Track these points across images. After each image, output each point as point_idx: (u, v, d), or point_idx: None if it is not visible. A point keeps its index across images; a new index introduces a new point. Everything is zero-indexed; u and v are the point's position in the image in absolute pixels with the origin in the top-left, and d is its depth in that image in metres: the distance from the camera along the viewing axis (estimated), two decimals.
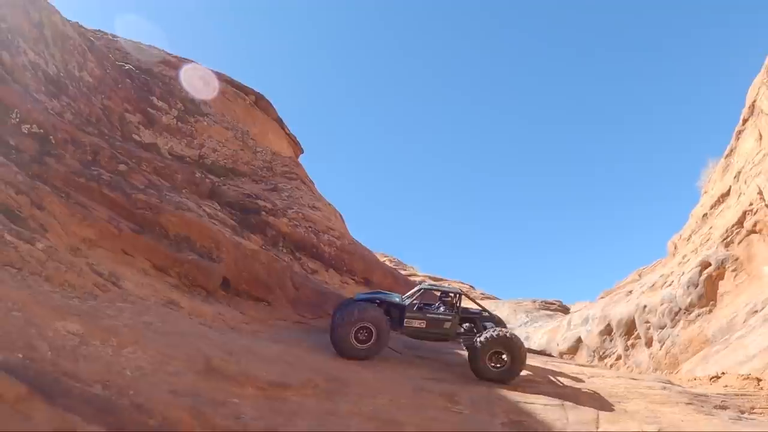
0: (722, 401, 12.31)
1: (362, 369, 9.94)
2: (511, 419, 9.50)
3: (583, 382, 12.10)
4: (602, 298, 26.21)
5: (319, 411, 8.11)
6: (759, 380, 13.55)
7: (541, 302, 29.86)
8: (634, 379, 12.88)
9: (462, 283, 33.28)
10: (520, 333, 23.92)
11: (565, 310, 29.41)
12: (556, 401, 10.48)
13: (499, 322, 12.21)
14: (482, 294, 32.59)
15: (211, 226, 11.49)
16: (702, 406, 11.64)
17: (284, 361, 9.03)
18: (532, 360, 13.51)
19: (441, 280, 31.71)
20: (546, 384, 11.55)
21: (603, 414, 10.40)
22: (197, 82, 16.50)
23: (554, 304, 30.20)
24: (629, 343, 19.82)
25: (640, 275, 26.25)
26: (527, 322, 26.64)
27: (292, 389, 8.32)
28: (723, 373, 14.17)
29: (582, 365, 14.58)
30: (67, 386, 6.65)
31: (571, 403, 10.55)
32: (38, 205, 9.62)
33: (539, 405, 10.17)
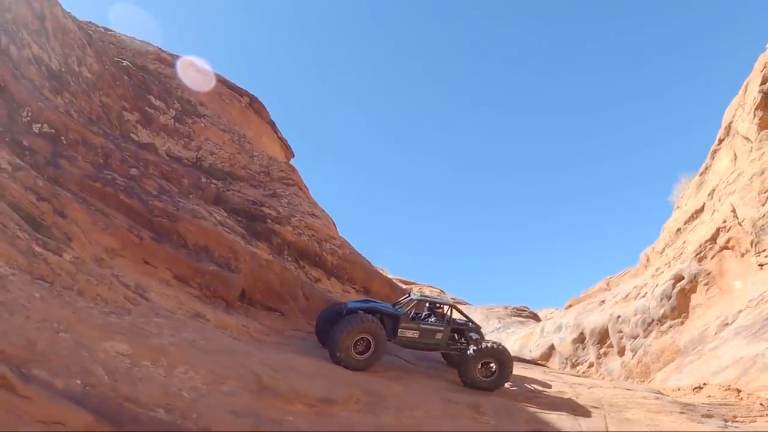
0: (708, 410, 13.00)
1: (391, 382, 10.07)
2: (533, 428, 10.07)
3: (585, 392, 12.57)
4: (570, 306, 27.10)
5: (366, 425, 8.35)
6: (739, 391, 14.35)
7: (513, 309, 30.55)
8: (629, 389, 13.46)
9: (432, 287, 33.58)
10: (493, 339, 24.44)
11: (536, 317, 30.23)
12: (567, 411, 11.02)
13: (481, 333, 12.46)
14: (453, 299, 32.99)
15: (227, 236, 11.22)
16: (692, 415, 12.28)
17: (322, 375, 9.03)
18: (532, 371, 13.92)
19: (411, 283, 31.88)
20: (553, 395, 11.96)
21: (610, 422, 11.01)
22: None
23: (525, 310, 30.96)
24: (602, 351, 20.60)
25: (608, 284, 27.28)
26: (500, 328, 27.24)
27: (338, 404, 8.45)
28: (705, 384, 14.92)
29: (579, 376, 15.11)
30: (133, 412, 6.47)
31: (580, 412, 11.11)
32: (60, 212, 9.16)
33: (554, 415, 10.73)
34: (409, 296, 12.32)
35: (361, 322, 10.09)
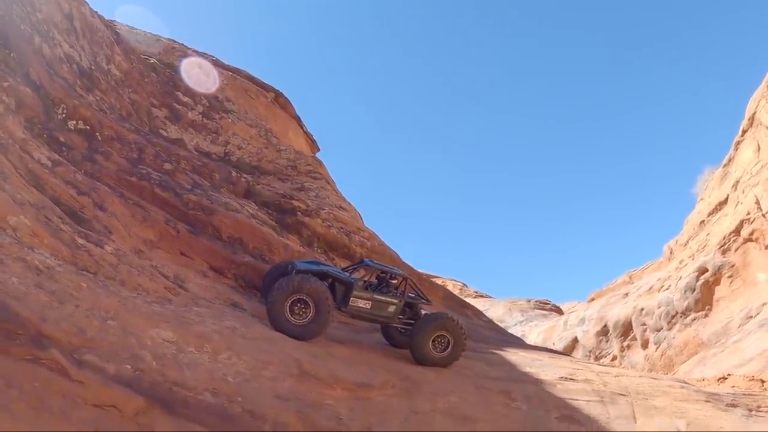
0: (732, 400, 13.02)
1: (425, 369, 10.24)
2: (563, 414, 10.21)
3: (612, 380, 12.67)
4: (593, 299, 27.12)
5: (403, 409, 8.50)
6: (763, 381, 14.36)
7: (536, 302, 30.66)
8: (654, 378, 13.52)
9: (455, 281, 33.72)
10: (516, 331, 24.49)
11: (559, 310, 30.31)
12: (596, 398, 11.16)
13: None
14: (476, 292, 33.07)
15: (261, 228, 11.43)
16: (717, 404, 12.33)
17: (359, 361, 9.25)
18: (560, 360, 14.01)
19: (434, 277, 31.93)
20: (581, 383, 12.05)
21: (637, 408, 11.12)
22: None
23: (548, 303, 31.06)
24: (625, 344, 20.62)
25: (630, 277, 27.27)
26: (522, 321, 27.32)
27: (375, 389, 8.66)
28: (729, 375, 14.93)
29: (605, 365, 15.15)
30: (182, 396, 6.64)
31: (608, 399, 11.23)
32: (100, 206, 9.39)
33: (582, 401, 10.86)
34: (363, 262, 11.47)
35: (300, 281, 9.05)
